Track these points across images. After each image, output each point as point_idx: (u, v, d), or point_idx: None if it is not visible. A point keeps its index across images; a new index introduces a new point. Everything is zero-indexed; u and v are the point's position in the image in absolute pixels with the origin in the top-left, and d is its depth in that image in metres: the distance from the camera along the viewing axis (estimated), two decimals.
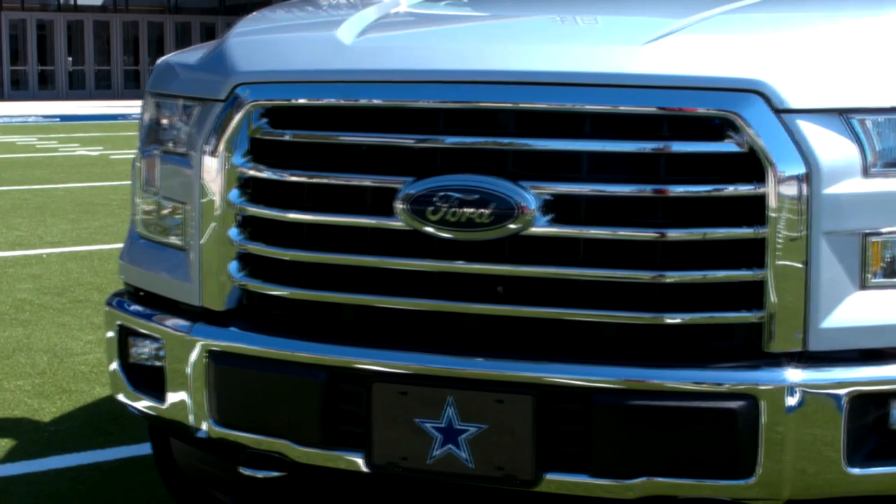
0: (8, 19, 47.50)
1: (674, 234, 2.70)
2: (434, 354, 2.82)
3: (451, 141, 2.79)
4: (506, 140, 2.76)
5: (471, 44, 2.98)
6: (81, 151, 20.45)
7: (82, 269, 8.84)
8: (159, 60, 3.55)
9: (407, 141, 2.83)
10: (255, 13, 3.61)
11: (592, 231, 2.72)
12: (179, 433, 3.32)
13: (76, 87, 49.03)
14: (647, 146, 2.70)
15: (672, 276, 2.70)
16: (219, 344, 3.05)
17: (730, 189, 2.70)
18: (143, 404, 3.35)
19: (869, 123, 2.73)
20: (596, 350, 2.78)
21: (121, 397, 3.43)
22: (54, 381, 5.80)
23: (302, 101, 2.94)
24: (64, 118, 31.82)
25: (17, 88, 48.29)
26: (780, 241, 2.68)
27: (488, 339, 2.85)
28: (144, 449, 4.72)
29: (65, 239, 10.37)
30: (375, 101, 2.86)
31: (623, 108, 2.72)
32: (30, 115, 33.14)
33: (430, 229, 2.78)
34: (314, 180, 2.94)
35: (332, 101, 2.91)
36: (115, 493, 4.32)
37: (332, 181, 2.91)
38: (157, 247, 3.37)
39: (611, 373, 2.72)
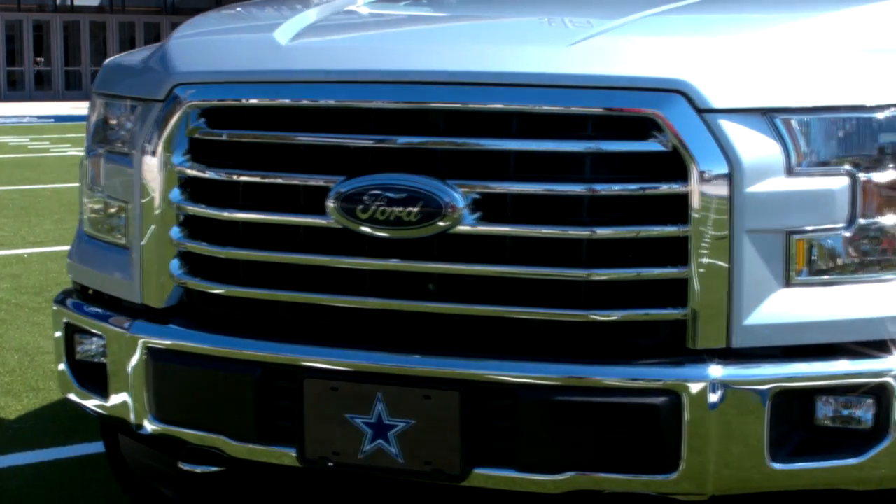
0: (4, 20, 47.57)
1: (599, 233, 2.73)
2: (364, 351, 2.86)
3: (379, 140, 2.83)
4: (434, 139, 2.80)
5: (399, 44, 3.03)
6: (72, 152, 20.49)
7: (62, 269, 8.87)
8: (107, 61, 3.59)
9: (337, 140, 2.87)
10: (199, 15, 3.65)
11: (518, 229, 2.76)
12: (125, 430, 3.35)
13: (73, 88, 49.08)
14: (572, 145, 2.74)
15: (597, 274, 2.74)
16: (157, 341, 3.09)
17: (654, 188, 2.73)
18: (90, 402, 3.38)
19: (793, 123, 2.76)
20: (524, 347, 2.81)
21: (72, 396, 3.46)
22: (23, 380, 5.84)
23: (237, 101, 2.98)
24: (58, 118, 31.88)
25: (14, 89, 48.36)
26: (703, 239, 2.71)
27: (420, 336, 2.88)
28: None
29: (47, 239, 10.42)
30: (306, 101, 2.90)
31: (549, 108, 2.75)
32: (24, 116, 33.20)
33: (359, 227, 2.82)
34: (249, 179, 2.97)
35: (265, 100, 2.95)
36: (72, 490, 4.36)
37: (267, 180, 2.95)
38: (102, 245, 3.41)
39: (536, 369, 2.76)
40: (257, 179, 2.96)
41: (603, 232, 2.73)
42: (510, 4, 3.53)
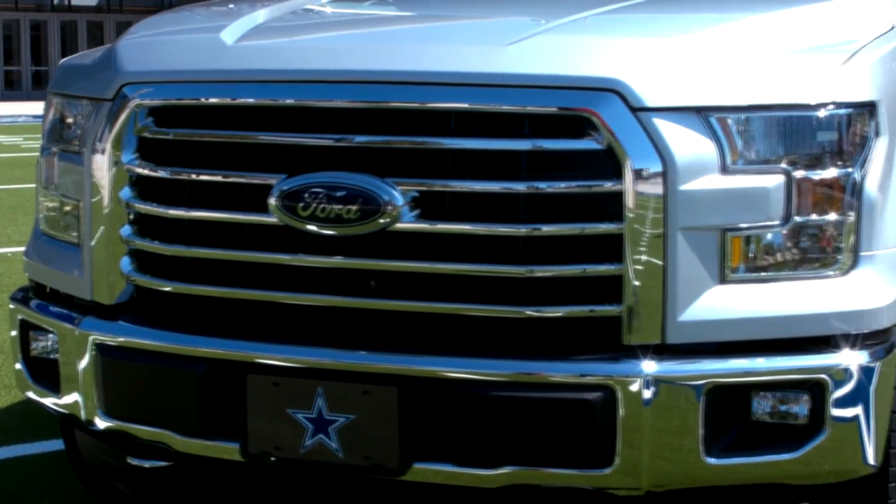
0: (2, 20, 47.60)
1: (534, 230, 2.77)
2: (305, 347, 2.90)
3: (319, 139, 2.87)
4: (372, 138, 2.84)
5: (338, 44, 3.07)
6: None
7: None
8: (62, 61, 3.63)
9: (277, 139, 2.91)
10: (154, 15, 3.69)
11: (455, 226, 2.80)
12: (79, 425, 3.39)
13: None
14: (508, 144, 2.78)
15: (532, 271, 2.77)
16: (105, 337, 3.13)
17: (589, 186, 2.77)
18: (47, 399, 3.42)
19: (728, 121, 2.80)
20: (464, 343, 2.85)
21: (29, 394, 3.50)
22: None
23: (182, 100, 3.03)
24: None
25: (11, 89, 48.39)
26: (638, 236, 2.75)
27: (362, 333, 2.92)
28: None
29: None
30: (248, 101, 2.94)
31: (485, 107, 2.79)
32: (20, 115, 33.21)
33: (300, 225, 2.86)
34: (195, 178, 3.02)
35: (208, 100, 2.99)
36: (36, 487, 4.39)
37: (212, 178, 2.99)
38: (56, 243, 3.45)
39: (472, 364, 2.79)
40: (203, 178, 3.00)
41: (538, 229, 2.77)
42: (455, 4, 3.57)
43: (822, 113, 2.83)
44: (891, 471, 3.07)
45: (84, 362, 3.17)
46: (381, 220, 2.81)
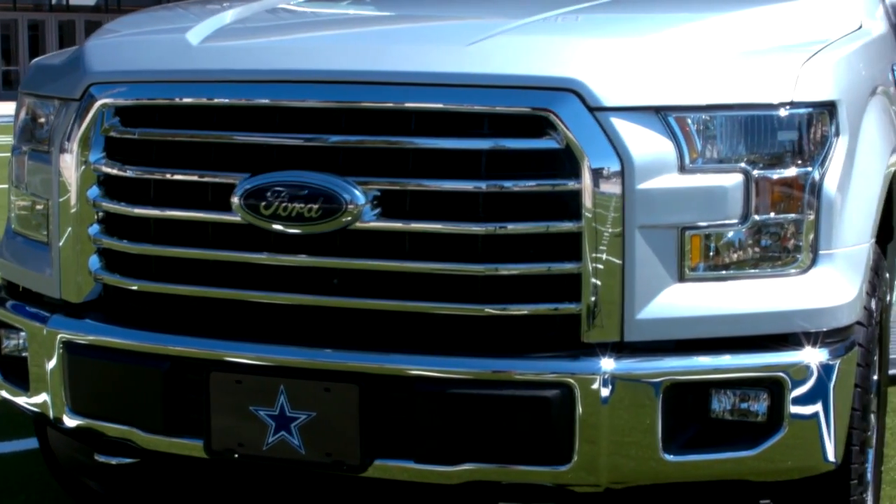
0: (0, 19, 47.61)
1: (493, 228, 2.79)
2: (267, 344, 2.92)
3: (282, 138, 2.90)
4: (334, 137, 2.86)
5: (303, 44, 3.10)
6: None
7: None
8: (33, 61, 3.66)
9: (241, 138, 2.94)
10: (123, 17, 3.72)
11: (414, 225, 2.82)
12: (49, 422, 3.41)
13: None
14: (467, 143, 2.80)
15: (491, 269, 2.79)
16: (72, 335, 3.16)
17: (549, 185, 2.79)
18: (19, 398, 3.43)
19: (686, 121, 2.82)
20: (423, 341, 2.87)
21: (2, 393, 3.52)
22: None
23: (147, 99, 3.05)
24: None
25: (10, 88, 48.39)
26: (596, 234, 2.77)
27: (323, 331, 2.94)
28: None
29: None
30: (213, 100, 2.97)
31: (446, 106, 2.82)
32: None
33: (263, 224, 2.88)
34: (161, 177, 3.04)
35: (172, 99, 3.01)
36: (9, 483, 4.41)
37: (177, 178, 3.02)
38: (27, 242, 3.47)
39: (432, 362, 2.82)
40: (168, 177, 3.03)
41: (496, 227, 2.78)
42: (420, 4, 3.59)
43: (781, 112, 2.85)
44: (852, 468, 3.10)
45: (52, 360, 3.19)
46: (343, 219, 2.83)
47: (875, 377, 3.53)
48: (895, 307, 4.18)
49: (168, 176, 3.02)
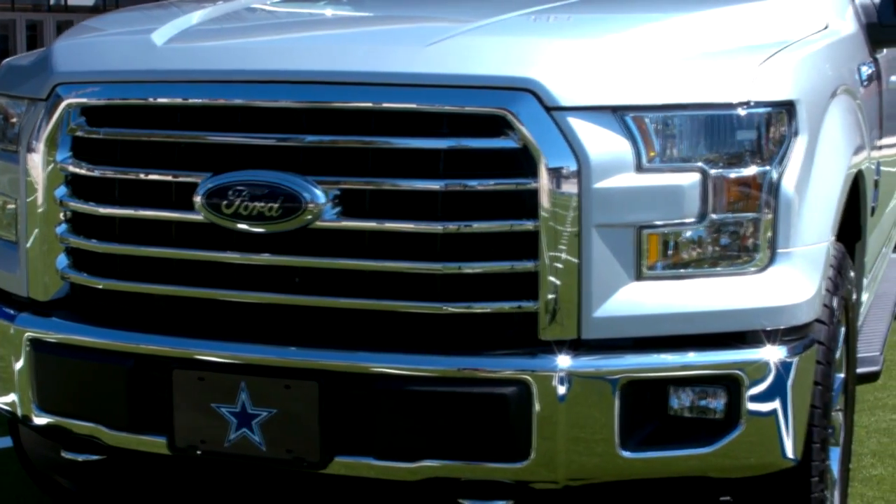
0: None
1: (451, 227, 2.81)
2: (228, 342, 2.95)
3: (244, 138, 2.93)
4: (294, 137, 2.89)
5: (264, 45, 3.13)
6: None
7: None
8: (5, 61, 3.69)
9: (203, 138, 2.97)
10: (90, 19, 3.75)
11: (374, 224, 2.85)
12: (19, 420, 3.44)
13: None
14: (426, 143, 2.83)
15: (448, 268, 2.82)
16: (39, 333, 3.19)
17: (506, 184, 2.82)
18: None
19: (644, 120, 2.84)
20: (383, 338, 2.89)
21: None
22: None
23: (112, 99, 3.08)
24: None
25: None
26: (553, 233, 2.79)
27: (285, 328, 2.97)
28: None
29: None
30: (176, 100, 3.00)
31: (404, 106, 2.84)
32: None
33: (224, 222, 2.91)
34: (126, 176, 3.07)
35: (136, 99, 3.04)
36: None
37: (141, 177, 3.05)
38: None
39: (390, 359, 2.84)
40: (132, 176, 3.06)
41: (455, 226, 2.81)
42: (385, 5, 3.62)
43: (738, 112, 2.87)
44: (813, 465, 3.12)
45: (20, 358, 3.22)
46: (304, 218, 2.86)
47: (841, 375, 3.55)
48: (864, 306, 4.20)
49: (133, 175, 3.05)
